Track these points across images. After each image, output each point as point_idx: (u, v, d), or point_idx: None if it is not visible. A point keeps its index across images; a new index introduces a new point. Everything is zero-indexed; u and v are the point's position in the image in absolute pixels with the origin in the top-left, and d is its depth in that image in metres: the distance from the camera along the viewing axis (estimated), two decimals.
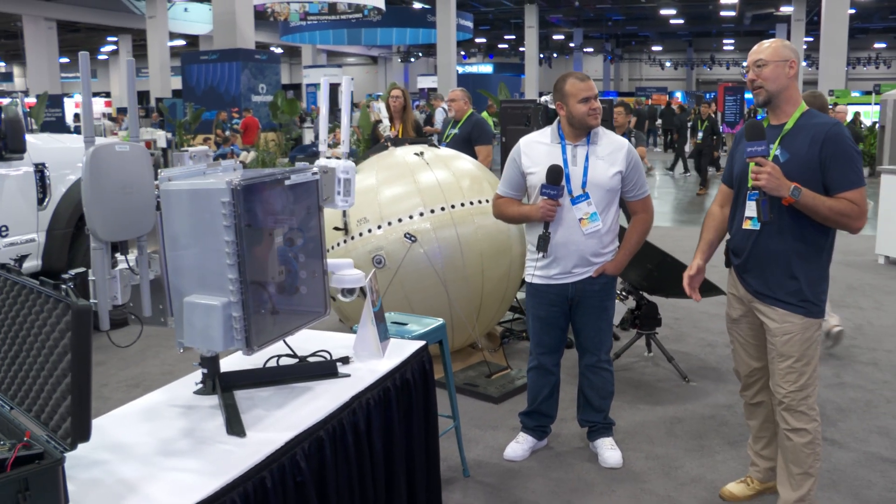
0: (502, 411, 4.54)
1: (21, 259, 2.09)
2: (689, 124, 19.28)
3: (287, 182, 2.44)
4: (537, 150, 3.77)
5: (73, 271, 1.97)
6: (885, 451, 4.04)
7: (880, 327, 6.25)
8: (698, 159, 16.22)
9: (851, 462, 3.92)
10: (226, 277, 2.25)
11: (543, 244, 3.68)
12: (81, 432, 1.76)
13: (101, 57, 47.23)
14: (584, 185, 3.66)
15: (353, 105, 19.26)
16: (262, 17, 22.07)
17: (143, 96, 29.18)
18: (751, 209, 3.13)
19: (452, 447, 3.79)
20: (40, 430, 1.88)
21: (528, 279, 3.86)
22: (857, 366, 5.32)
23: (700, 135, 16.17)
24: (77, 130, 23.40)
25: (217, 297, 2.26)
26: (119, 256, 2.21)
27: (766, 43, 3.17)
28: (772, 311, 3.16)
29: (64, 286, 1.78)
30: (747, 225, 3.17)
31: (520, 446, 4.01)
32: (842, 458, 3.96)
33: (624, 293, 5.35)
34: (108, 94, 44.35)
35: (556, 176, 3.60)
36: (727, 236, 3.37)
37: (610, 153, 3.71)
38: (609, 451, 3.94)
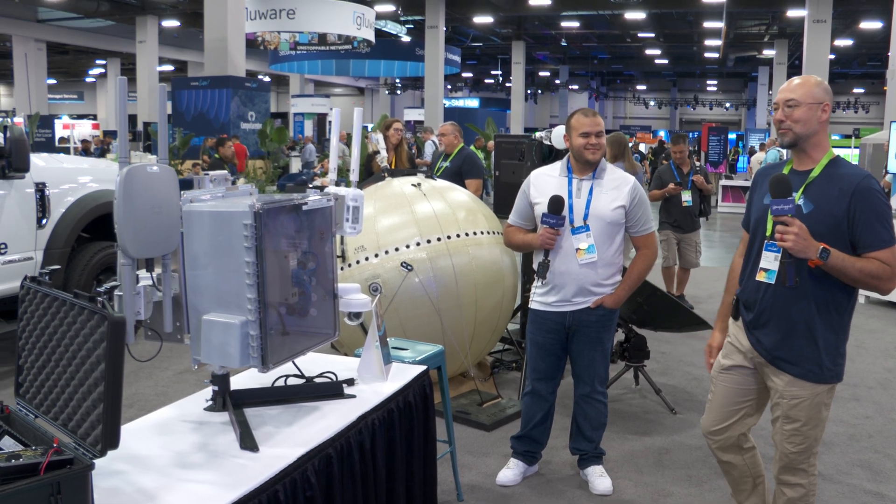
0: (494, 439, 4.61)
1: (52, 272, 2.16)
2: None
3: (304, 207, 2.54)
4: (545, 182, 3.92)
5: (106, 285, 2.04)
6: (867, 484, 4.14)
7: (861, 364, 6.39)
8: None
9: (836, 494, 4.02)
10: (244, 297, 2.33)
11: (543, 271, 3.80)
12: (111, 439, 1.83)
13: (88, 80, 47.26)
14: (585, 216, 3.78)
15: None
16: (252, 46, 22.20)
17: (131, 120, 29.19)
18: (766, 260, 2.90)
19: (447, 472, 3.85)
20: (67, 438, 1.95)
21: (529, 305, 3.98)
22: (840, 401, 5.43)
23: None
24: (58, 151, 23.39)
25: (235, 316, 2.34)
26: (142, 273, 2.28)
27: (799, 81, 2.89)
28: (782, 374, 2.92)
29: (100, 298, 1.86)
30: (762, 277, 2.92)
31: (511, 472, 4.08)
32: (827, 489, 4.06)
33: None
34: (94, 117, 44.35)
35: (556, 206, 3.73)
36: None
37: (615, 188, 3.84)
38: (599, 478, 4.02)
